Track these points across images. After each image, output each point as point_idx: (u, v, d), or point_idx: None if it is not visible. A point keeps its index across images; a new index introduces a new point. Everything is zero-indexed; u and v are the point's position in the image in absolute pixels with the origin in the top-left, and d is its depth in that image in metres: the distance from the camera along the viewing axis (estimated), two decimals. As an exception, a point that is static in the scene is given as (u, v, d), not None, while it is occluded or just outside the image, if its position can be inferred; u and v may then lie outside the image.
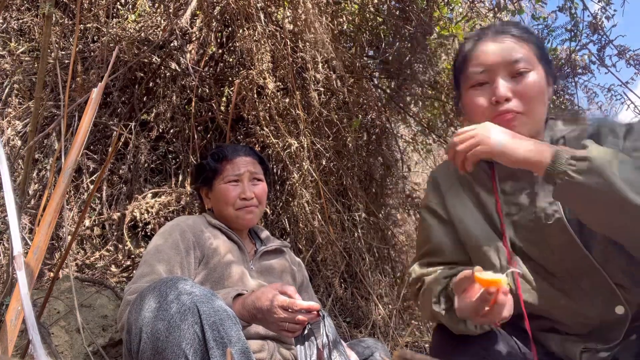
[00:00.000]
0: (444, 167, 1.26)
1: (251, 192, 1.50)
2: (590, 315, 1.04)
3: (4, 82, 2.53)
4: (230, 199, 1.48)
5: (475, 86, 1.10)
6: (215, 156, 1.55)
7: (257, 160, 1.58)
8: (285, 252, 1.62)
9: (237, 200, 1.49)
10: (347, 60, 2.63)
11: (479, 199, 1.15)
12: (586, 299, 1.03)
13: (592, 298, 1.03)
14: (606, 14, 2.28)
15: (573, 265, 1.03)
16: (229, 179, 1.50)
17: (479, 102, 1.08)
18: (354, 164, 2.85)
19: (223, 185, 1.50)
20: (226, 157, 1.53)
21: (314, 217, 2.30)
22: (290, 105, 2.35)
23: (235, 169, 1.51)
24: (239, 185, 1.50)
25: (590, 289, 1.03)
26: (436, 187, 1.23)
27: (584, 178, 0.89)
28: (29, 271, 0.69)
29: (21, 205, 1.63)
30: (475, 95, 1.09)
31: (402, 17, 2.63)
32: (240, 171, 1.51)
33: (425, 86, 2.89)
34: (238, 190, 1.49)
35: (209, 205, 1.57)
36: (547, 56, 1.13)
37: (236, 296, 1.21)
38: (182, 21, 2.44)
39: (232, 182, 1.50)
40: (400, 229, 3.48)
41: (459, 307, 0.94)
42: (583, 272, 1.02)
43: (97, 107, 0.89)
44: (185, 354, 0.97)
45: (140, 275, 1.27)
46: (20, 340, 1.46)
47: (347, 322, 2.50)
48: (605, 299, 1.02)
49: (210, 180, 1.54)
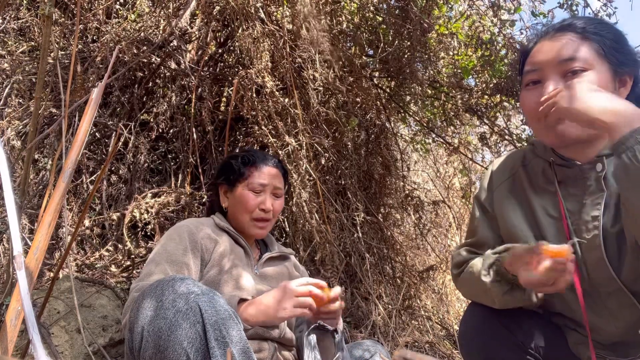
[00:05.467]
0: (501, 162, 1.26)
1: (271, 205, 1.51)
2: (613, 333, 1.05)
3: (4, 82, 2.52)
4: (250, 207, 1.49)
5: (529, 85, 1.07)
6: (245, 160, 1.55)
7: (282, 175, 1.59)
8: (290, 259, 1.63)
9: (257, 210, 1.50)
10: (346, 59, 2.63)
11: (527, 198, 1.15)
12: (611, 317, 1.04)
13: (616, 317, 1.03)
14: (607, 12, 2.28)
15: (601, 283, 1.03)
16: (253, 186, 1.50)
17: (529, 101, 1.06)
18: (353, 163, 2.85)
19: (246, 192, 1.50)
20: (255, 163, 1.54)
21: (312, 217, 2.30)
22: (289, 105, 2.35)
23: (261, 178, 1.52)
24: (261, 195, 1.51)
25: (617, 308, 1.03)
26: (489, 181, 1.24)
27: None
28: (29, 271, 0.69)
29: (21, 205, 1.64)
30: (527, 94, 1.07)
31: (402, 16, 2.63)
32: (265, 181, 1.52)
33: (424, 85, 2.89)
34: (259, 200, 1.50)
35: (225, 204, 1.57)
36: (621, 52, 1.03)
37: (241, 301, 1.24)
38: (181, 21, 2.44)
39: (255, 191, 1.50)
40: (399, 229, 3.48)
41: (526, 278, 0.96)
42: (610, 291, 1.02)
43: (97, 107, 0.89)
44: (187, 353, 0.97)
45: (147, 273, 1.28)
46: (20, 340, 1.46)
47: (347, 322, 2.50)
48: (630, 320, 1.02)
49: (234, 182, 1.54)
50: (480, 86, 2.95)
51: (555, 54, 1.02)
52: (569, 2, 2.36)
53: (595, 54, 1.01)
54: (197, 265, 1.37)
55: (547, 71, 1.03)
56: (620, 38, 1.05)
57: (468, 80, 3.03)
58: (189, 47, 2.79)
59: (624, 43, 1.05)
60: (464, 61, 2.91)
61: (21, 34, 2.83)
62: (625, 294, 1.00)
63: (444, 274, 3.52)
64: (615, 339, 1.06)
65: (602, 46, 1.01)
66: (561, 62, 1.01)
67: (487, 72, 2.81)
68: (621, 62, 1.02)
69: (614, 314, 1.03)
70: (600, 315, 1.05)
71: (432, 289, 3.35)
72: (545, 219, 1.11)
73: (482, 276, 1.10)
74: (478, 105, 3.11)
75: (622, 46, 1.04)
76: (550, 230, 1.10)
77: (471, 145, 3.78)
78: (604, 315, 1.04)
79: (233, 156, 1.61)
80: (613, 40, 1.03)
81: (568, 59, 1.01)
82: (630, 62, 1.04)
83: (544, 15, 2.56)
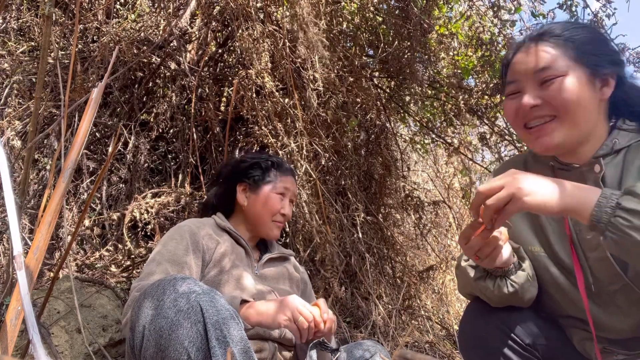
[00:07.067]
0: (503, 166, 1.28)
1: (289, 211, 1.60)
2: (622, 330, 1.05)
3: (4, 82, 2.52)
4: (274, 209, 1.55)
5: (510, 95, 1.10)
6: (273, 163, 1.62)
7: None
8: (290, 260, 1.65)
9: (278, 214, 1.56)
10: (346, 59, 2.63)
11: None
12: (621, 315, 1.04)
13: (627, 314, 1.03)
14: (606, 12, 2.28)
15: (607, 281, 1.03)
16: (280, 190, 1.57)
17: (510, 112, 1.09)
18: (353, 163, 2.85)
19: (273, 194, 1.56)
20: (281, 168, 1.62)
21: (312, 217, 2.30)
22: (289, 105, 2.35)
23: (287, 182, 1.60)
24: (283, 200, 1.58)
25: (626, 305, 1.03)
26: None
27: (638, 235, 0.82)
28: (29, 271, 0.69)
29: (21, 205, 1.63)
30: (508, 104, 1.10)
31: (402, 16, 2.63)
32: (289, 187, 1.60)
33: (424, 85, 2.89)
34: (282, 204, 1.57)
35: (243, 202, 1.58)
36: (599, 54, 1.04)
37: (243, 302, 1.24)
38: (181, 21, 2.44)
39: (281, 195, 1.57)
40: (399, 229, 3.48)
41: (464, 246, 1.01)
42: (618, 288, 1.03)
43: (97, 107, 0.89)
44: (188, 352, 0.97)
45: (149, 272, 1.28)
46: (20, 340, 1.46)
47: (347, 322, 2.49)
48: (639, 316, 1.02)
49: (258, 183, 1.58)
50: (480, 86, 2.95)
51: (530, 65, 1.04)
52: (569, 3, 2.36)
53: (570, 59, 1.02)
54: (198, 265, 1.37)
55: (524, 82, 1.06)
56: (598, 39, 1.07)
57: (468, 80, 3.04)
58: (189, 47, 2.79)
59: (603, 44, 1.07)
60: (464, 61, 2.91)
61: (21, 34, 2.83)
62: (633, 290, 1.00)
63: (444, 274, 3.52)
64: (627, 335, 1.06)
65: (577, 50, 1.02)
66: (536, 73, 1.03)
67: (487, 73, 2.81)
68: (599, 63, 1.03)
69: (624, 311, 1.03)
70: (611, 313, 1.05)
71: (432, 289, 3.35)
72: (548, 220, 1.12)
73: (463, 261, 1.17)
74: (478, 105, 3.11)
75: (599, 47, 1.05)
76: (553, 233, 1.11)
77: (471, 146, 3.78)
78: (614, 313, 1.04)
79: (256, 156, 1.65)
80: (589, 43, 1.04)
81: (542, 69, 1.02)
82: (610, 62, 1.04)
83: (543, 16, 2.56)
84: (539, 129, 1.03)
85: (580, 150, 1.05)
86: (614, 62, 1.05)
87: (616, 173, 1.01)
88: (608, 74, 1.04)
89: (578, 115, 1.00)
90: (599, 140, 1.04)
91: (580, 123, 1.01)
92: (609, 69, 1.03)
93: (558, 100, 1.00)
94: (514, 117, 1.08)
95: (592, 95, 1.02)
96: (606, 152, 1.03)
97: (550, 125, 1.02)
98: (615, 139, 1.03)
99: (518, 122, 1.07)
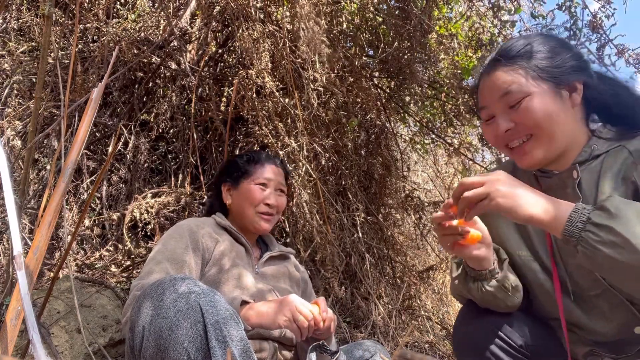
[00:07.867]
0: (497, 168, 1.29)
1: (275, 200, 1.56)
2: (606, 334, 1.06)
3: (4, 82, 2.52)
4: (255, 200, 1.53)
5: (487, 121, 1.11)
6: (250, 158, 1.61)
7: (284, 174, 1.65)
8: (290, 258, 1.65)
9: (261, 205, 1.54)
10: (346, 59, 2.63)
11: None
12: (603, 319, 1.05)
13: (609, 318, 1.04)
14: (606, 13, 2.28)
15: (587, 286, 1.05)
16: (258, 181, 1.56)
17: (490, 137, 1.11)
18: (353, 163, 2.85)
19: (252, 186, 1.55)
20: (260, 161, 1.60)
21: (312, 217, 2.30)
22: (289, 105, 2.35)
23: (266, 173, 1.57)
24: (265, 191, 1.55)
25: (609, 309, 1.04)
26: None
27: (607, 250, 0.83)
28: (29, 271, 0.69)
29: (21, 205, 1.64)
30: (486, 130, 1.12)
31: (402, 16, 2.63)
32: (270, 177, 1.57)
33: (424, 86, 2.89)
34: (264, 195, 1.55)
35: (229, 202, 1.59)
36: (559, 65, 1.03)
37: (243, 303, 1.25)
38: (181, 21, 2.44)
39: (260, 186, 1.55)
40: (399, 229, 3.48)
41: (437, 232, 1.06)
42: (599, 293, 1.04)
43: (97, 107, 0.89)
44: (188, 352, 0.97)
45: (148, 272, 1.28)
46: (20, 340, 1.46)
47: (347, 322, 2.49)
48: (623, 320, 1.03)
49: (238, 179, 1.58)
50: (480, 86, 2.94)
51: (493, 91, 1.06)
52: (568, 4, 2.36)
53: (530, 78, 1.02)
54: (197, 264, 1.37)
55: (492, 109, 1.07)
56: (556, 49, 1.05)
57: (468, 80, 3.04)
58: (189, 47, 2.79)
59: (563, 53, 1.05)
60: (464, 62, 2.91)
61: (21, 34, 2.83)
62: (614, 294, 1.01)
63: (444, 274, 3.52)
64: (613, 338, 1.07)
65: (536, 68, 1.02)
66: (501, 98, 1.04)
67: (487, 73, 2.80)
68: (561, 74, 1.03)
69: (607, 315, 1.04)
70: (594, 316, 1.06)
71: (432, 289, 3.35)
72: (533, 227, 1.14)
73: (451, 257, 1.20)
74: (478, 105, 3.10)
75: (559, 57, 1.04)
76: (537, 238, 1.13)
77: (471, 146, 3.77)
78: (598, 317, 1.05)
79: (237, 156, 1.67)
80: (548, 56, 1.04)
81: (505, 94, 1.03)
82: (573, 69, 1.04)
83: (543, 17, 2.56)
84: (520, 149, 1.06)
85: (562, 157, 1.07)
86: (576, 68, 1.04)
87: (593, 178, 1.02)
88: (573, 80, 1.04)
89: (553, 129, 1.02)
90: (580, 147, 1.06)
91: (557, 136, 1.02)
92: (573, 76, 1.04)
93: (529, 121, 1.01)
94: (494, 141, 1.10)
95: (562, 106, 1.03)
96: (585, 158, 1.04)
97: (529, 144, 1.04)
98: (594, 144, 1.05)
99: (499, 144, 1.09)
